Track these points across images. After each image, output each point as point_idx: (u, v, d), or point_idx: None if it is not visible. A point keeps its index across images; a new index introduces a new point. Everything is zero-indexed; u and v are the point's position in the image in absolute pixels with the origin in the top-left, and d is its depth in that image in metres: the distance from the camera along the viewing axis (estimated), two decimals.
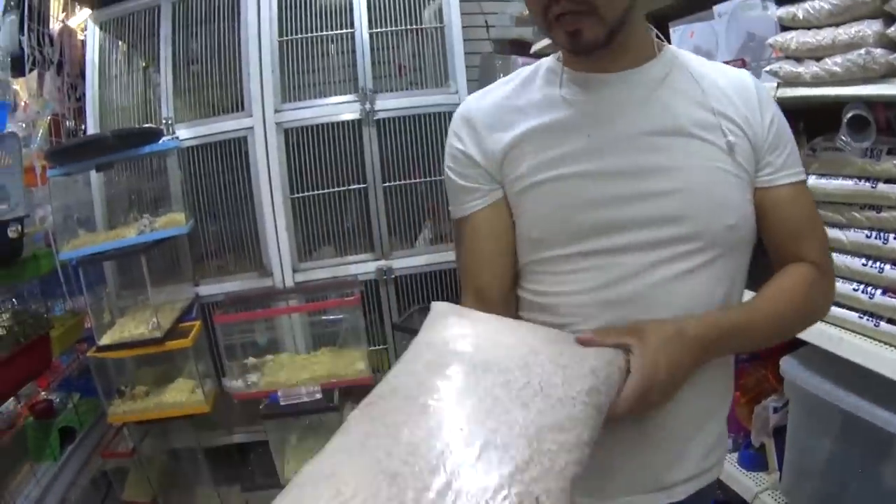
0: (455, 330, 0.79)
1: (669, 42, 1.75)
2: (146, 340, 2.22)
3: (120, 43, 2.64)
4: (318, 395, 2.29)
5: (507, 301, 0.93)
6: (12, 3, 2.87)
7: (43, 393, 2.75)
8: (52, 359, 2.52)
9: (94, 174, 2.50)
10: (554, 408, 0.67)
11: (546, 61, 0.91)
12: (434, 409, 0.67)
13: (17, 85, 2.74)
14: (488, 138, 0.87)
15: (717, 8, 1.63)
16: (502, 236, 0.90)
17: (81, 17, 2.90)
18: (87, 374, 2.51)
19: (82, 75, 2.71)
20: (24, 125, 2.72)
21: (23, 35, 2.74)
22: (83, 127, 2.69)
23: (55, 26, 2.87)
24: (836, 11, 1.21)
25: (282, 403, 2.30)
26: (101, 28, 2.61)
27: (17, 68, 2.81)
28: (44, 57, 2.78)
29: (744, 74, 0.91)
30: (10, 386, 2.34)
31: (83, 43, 2.76)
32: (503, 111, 0.88)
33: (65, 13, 2.87)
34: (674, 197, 0.80)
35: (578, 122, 0.83)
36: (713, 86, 0.85)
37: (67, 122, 2.74)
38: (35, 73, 2.81)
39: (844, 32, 1.19)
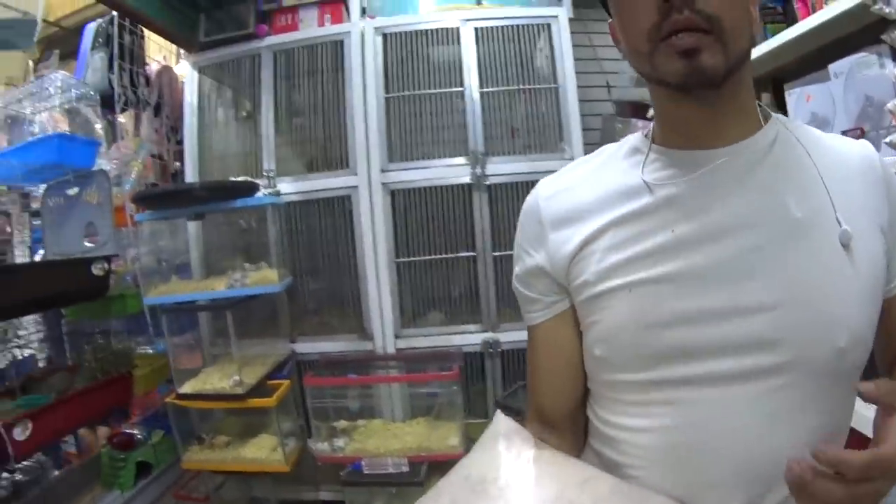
0: (499, 467, 0.70)
1: (785, 107, 1.64)
2: (226, 395, 2.13)
3: (220, 88, 2.53)
4: (405, 469, 2.16)
5: (574, 423, 0.80)
6: (100, 41, 2.81)
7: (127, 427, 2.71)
8: (132, 396, 2.52)
9: (191, 223, 2.40)
10: None
11: (632, 137, 0.76)
12: None
13: (123, 119, 2.68)
14: (556, 238, 0.73)
15: (832, 67, 1.47)
16: (565, 352, 0.76)
17: (181, 57, 2.81)
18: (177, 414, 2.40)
19: (183, 118, 2.62)
20: (116, 164, 2.64)
21: (112, 73, 2.67)
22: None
23: (153, 67, 2.79)
24: None
25: (365, 472, 2.16)
26: (200, 72, 2.50)
27: (108, 107, 2.75)
28: (138, 97, 2.71)
29: (866, 148, 0.73)
30: (86, 417, 2.38)
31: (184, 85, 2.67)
32: (576, 203, 0.73)
33: (164, 55, 2.78)
34: (770, 314, 0.62)
35: (660, 213, 0.67)
36: (828, 163, 0.68)
37: (173, 165, 2.65)
38: (131, 113, 2.74)
39: None
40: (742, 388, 0.63)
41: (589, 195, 0.72)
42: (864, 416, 0.70)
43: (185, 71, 2.59)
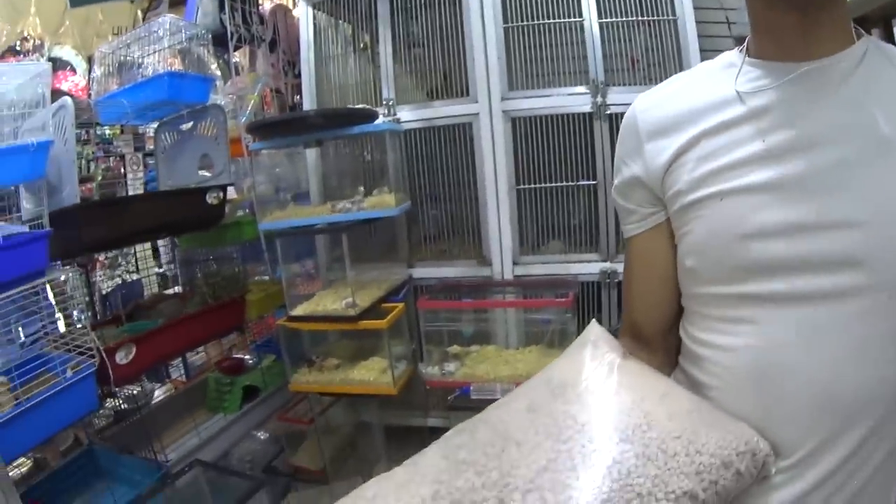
0: (581, 372, 0.71)
1: (893, 40, 1.55)
2: (338, 317, 2.15)
3: (336, 22, 2.55)
4: None
5: (666, 340, 0.81)
6: None
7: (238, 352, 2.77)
8: (244, 320, 2.55)
9: (310, 150, 2.42)
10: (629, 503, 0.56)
11: (728, 53, 0.76)
12: (504, 461, 0.63)
13: (237, 57, 2.73)
14: (651, 148, 0.75)
15: None
16: (659, 266, 0.77)
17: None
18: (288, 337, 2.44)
19: (300, 52, 2.65)
20: (232, 98, 2.69)
21: (223, 13, 2.71)
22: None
23: (266, 6, 2.83)
24: None
25: (473, 397, 2.16)
26: (314, 8, 2.52)
27: (221, 45, 2.80)
28: (252, 35, 2.75)
29: None
30: (193, 341, 2.43)
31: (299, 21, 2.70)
32: (671, 114, 0.74)
33: None
34: (856, 231, 0.61)
35: (751, 122, 0.67)
36: None
37: (292, 98, 2.69)
38: (245, 50, 2.78)
39: None
40: (828, 310, 0.62)
41: (683, 107, 0.73)
42: None
43: (300, 6, 2.62)
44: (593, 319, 0.80)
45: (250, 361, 2.73)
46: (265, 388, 2.65)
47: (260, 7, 2.80)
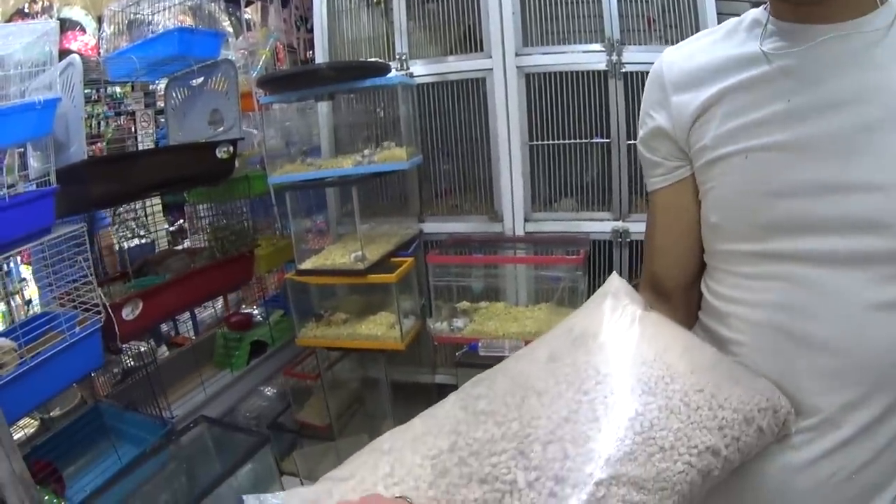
0: (602, 323, 0.69)
1: None
2: (347, 270, 2.12)
3: None
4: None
5: (686, 295, 0.80)
6: None
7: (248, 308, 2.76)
8: (252, 275, 2.54)
9: (321, 103, 2.39)
10: (651, 457, 0.55)
11: (754, 10, 0.74)
12: (525, 412, 0.61)
13: (249, 13, 2.69)
14: (678, 101, 0.74)
15: None
16: (682, 221, 0.76)
17: None
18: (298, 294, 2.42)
19: (312, 7, 2.60)
20: (243, 53, 2.66)
21: None
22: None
23: None
24: None
25: (480, 353, 2.15)
26: None
27: (234, 2, 2.76)
28: None
29: None
30: (200, 296, 2.40)
31: None
32: (697, 68, 0.73)
33: None
34: (880, 194, 0.60)
35: (777, 82, 0.66)
36: None
37: (305, 53, 2.65)
38: (257, 6, 2.74)
39: None
40: (853, 272, 0.61)
41: (710, 62, 0.72)
42: None
43: None
44: (614, 272, 0.78)
45: (259, 317, 2.71)
46: (273, 343, 2.64)
47: None
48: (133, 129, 3.15)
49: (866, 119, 0.61)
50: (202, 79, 2.38)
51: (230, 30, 2.88)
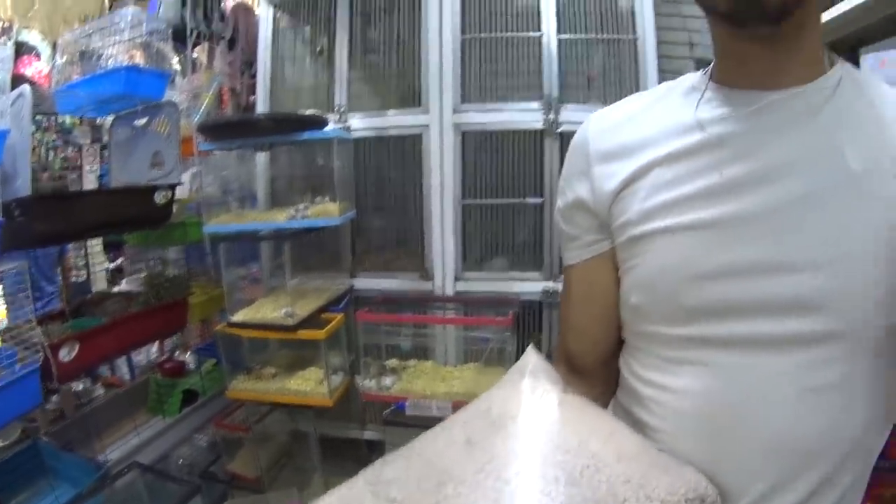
0: (521, 404, 0.65)
1: None
2: (277, 325, 2.10)
3: (296, 24, 2.50)
4: (448, 413, 2.09)
5: (603, 371, 0.75)
6: None
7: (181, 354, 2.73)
8: (186, 323, 2.51)
9: (259, 153, 2.37)
10: None
11: (691, 75, 0.70)
12: (441, 500, 0.57)
13: (197, 53, 2.68)
14: (601, 172, 0.69)
15: None
16: (600, 298, 0.72)
17: None
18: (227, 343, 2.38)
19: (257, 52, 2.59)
20: (187, 95, 2.64)
21: (185, 8, 2.67)
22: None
23: (228, 2, 2.78)
24: None
25: (407, 413, 2.12)
26: (275, 8, 2.47)
27: (180, 41, 2.75)
28: (212, 32, 2.70)
29: None
30: (136, 341, 2.41)
31: (259, 21, 2.65)
32: (624, 136, 0.68)
33: None
34: (815, 274, 0.56)
35: (710, 152, 0.62)
36: (894, 116, 0.60)
37: (246, 98, 2.63)
38: (205, 47, 2.73)
39: None
40: (782, 356, 0.58)
41: (639, 131, 0.68)
42: None
43: (261, 5, 2.56)
44: (530, 346, 0.72)
45: (191, 365, 2.67)
46: (204, 392, 2.59)
47: (222, 4, 2.74)
48: (79, 162, 3.12)
49: (806, 193, 0.58)
50: (146, 119, 2.36)
51: (178, 68, 2.86)
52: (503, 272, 2.11)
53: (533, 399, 0.66)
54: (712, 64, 0.67)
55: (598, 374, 0.75)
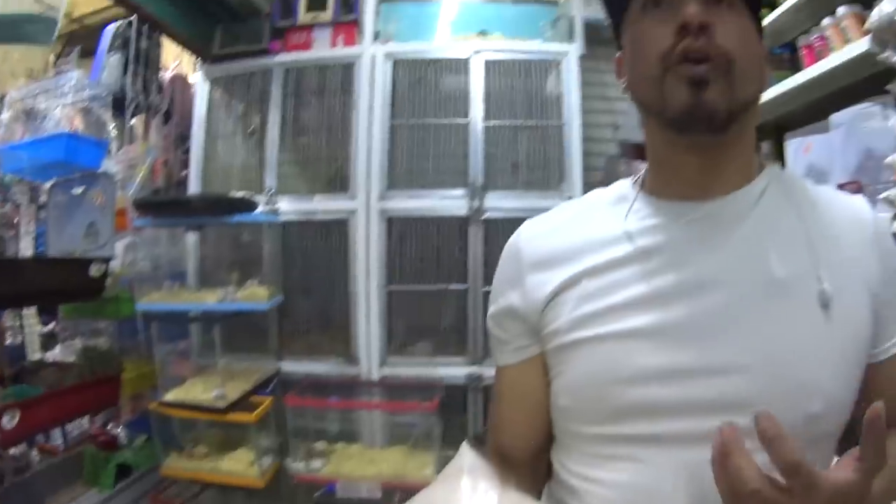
0: (457, 499, 0.66)
1: (783, 157, 1.59)
2: (208, 408, 2.15)
3: (230, 101, 2.52)
4: (378, 495, 2.15)
5: (535, 464, 0.77)
6: (118, 44, 2.82)
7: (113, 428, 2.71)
8: (118, 398, 2.51)
9: (191, 233, 2.39)
10: None
11: (620, 184, 0.74)
12: None
13: (133, 123, 2.69)
14: (533, 280, 0.70)
15: (833, 118, 1.45)
16: (530, 398, 0.74)
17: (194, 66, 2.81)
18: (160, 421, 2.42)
19: (192, 127, 2.61)
20: (122, 166, 2.64)
21: (126, 77, 2.67)
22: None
23: (166, 74, 2.78)
24: None
25: (338, 495, 2.16)
26: (211, 83, 2.49)
27: (119, 110, 2.75)
28: (149, 103, 2.71)
29: (861, 206, 0.70)
30: (74, 412, 2.41)
31: (195, 95, 2.66)
32: (556, 246, 0.71)
33: (177, 62, 2.77)
34: (740, 376, 0.59)
35: (639, 263, 0.65)
36: (818, 219, 0.65)
37: (178, 172, 2.63)
38: (142, 117, 2.73)
39: None
40: (708, 451, 0.57)
41: (569, 240, 0.71)
42: None
43: (198, 81, 2.58)
44: (464, 443, 0.76)
45: (123, 439, 2.64)
46: (137, 467, 2.57)
47: (161, 74, 2.74)
48: (17, 220, 3.10)
49: (731, 300, 0.61)
50: (83, 188, 2.38)
51: (114, 133, 2.85)
52: (428, 357, 2.14)
53: (475, 498, 0.68)
54: (641, 173, 0.72)
55: (529, 467, 0.77)
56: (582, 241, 0.69)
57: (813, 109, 1.61)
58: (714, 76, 0.59)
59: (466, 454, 0.71)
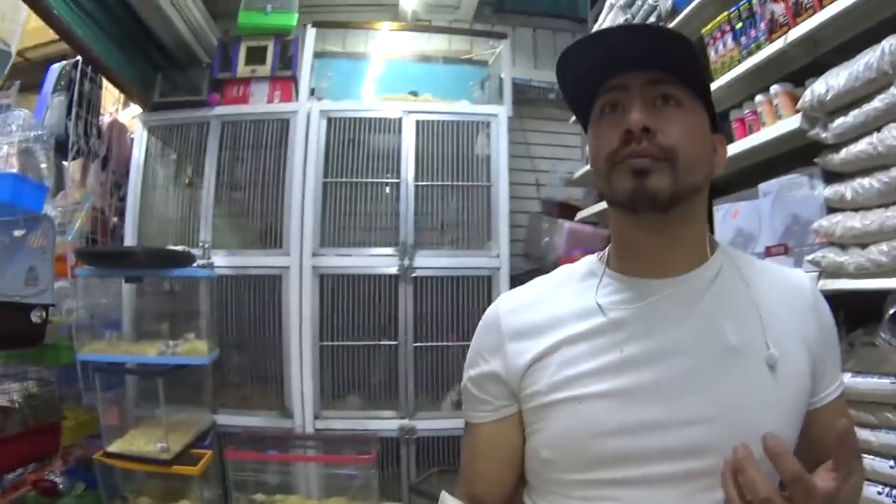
0: None
1: (712, 222, 1.68)
2: (153, 459, 2.24)
3: (167, 151, 2.54)
4: None
5: None
6: (62, 84, 2.81)
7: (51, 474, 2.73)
8: (59, 446, 2.54)
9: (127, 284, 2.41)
10: None
11: (587, 261, 0.86)
12: None
13: (72, 168, 2.68)
14: (514, 349, 0.81)
15: (762, 186, 1.57)
16: (506, 451, 0.84)
17: (132, 112, 2.81)
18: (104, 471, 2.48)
19: (128, 174, 2.62)
20: (61, 211, 2.64)
21: (69, 120, 2.66)
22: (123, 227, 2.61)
23: (105, 118, 2.77)
24: (887, 191, 1.16)
25: None
26: (149, 132, 2.51)
27: (61, 152, 2.74)
28: (89, 148, 2.70)
29: (801, 278, 0.86)
30: (14, 461, 2.40)
31: (132, 141, 2.67)
32: (535, 318, 0.82)
33: (116, 107, 2.77)
34: (703, 427, 0.72)
35: (611, 334, 0.76)
36: (765, 292, 0.79)
37: (112, 220, 2.63)
38: (80, 162, 2.73)
39: (895, 216, 1.15)
40: (676, 489, 0.72)
41: (546, 313, 0.81)
42: None
43: (136, 128, 2.59)
44: (443, 492, 0.84)
45: (62, 486, 2.65)
46: None
47: (101, 119, 2.74)
48: None
49: (693, 365, 0.73)
50: (24, 231, 2.36)
51: (51, 179, 2.84)
52: (360, 410, 2.21)
53: None
54: (607, 250, 0.85)
55: None
56: (558, 314, 0.80)
57: (741, 177, 1.69)
58: (655, 167, 0.71)
59: (449, 500, 0.81)
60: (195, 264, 2.36)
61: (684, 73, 0.74)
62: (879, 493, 1.12)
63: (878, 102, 1.15)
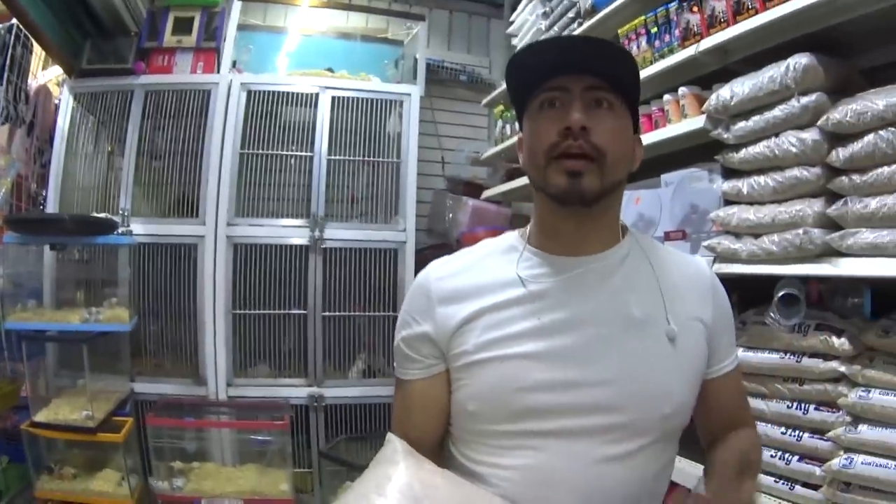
0: (408, 475, 0.82)
1: None
2: (79, 427, 2.34)
3: (91, 118, 2.57)
4: None
5: (435, 453, 0.98)
6: None
7: None
8: None
9: (47, 250, 2.44)
10: None
11: (510, 236, 0.99)
12: None
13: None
14: (442, 312, 0.92)
15: (664, 177, 1.74)
16: (434, 406, 0.95)
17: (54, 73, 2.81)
18: (18, 441, 2.52)
19: (51, 141, 2.64)
20: None
21: (0, 84, 2.66)
22: (44, 194, 2.62)
23: (33, 83, 2.77)
24: (780, 189, 1.32)
25: None
26: (75, 99, 2.54)
27: None
28: (17, 113, 2.70)
29: (700, 264, 1.03)
30: None
31: (57, 108, 2.68)
32: (460, 285, 0.93)
33: (43, 69, 2.77)
34: (610, 386, 0.85)
35: (530, 303, 0.88)
36: (667, 274, 0.93)
37: (31, 186, 2.65)
38: (7, 127, 2.73)
39: (786, 211, 1.31)
40: (587, 440, 0.84)
41: (471, 281, 0.93)
42: (680, 469, 1.07)
43: (63, 95, 2.61)
44: (390, 434, 0.92)
45: None
46: (6, 491, 2.63)
47: (29, 84, 2.75)
48: None
49: (602, 333, 0.87)
50: None
51: None
52: (271, 378, 2.29)
53: (420, 474, 0.81)
54: (528, 228, 0.97)
55: (432, 455, 0.94)
56: (483, 282, 0.92)
57: (643, 166, 1.77)
58: (588, 169, 0.84)
59: (397, 441, 0.90)
60: (116, 232, 2.50)
61: (621, 83, 0.87)
62: (773, 457, 1.29)
63: (778, 112, 1.32)
